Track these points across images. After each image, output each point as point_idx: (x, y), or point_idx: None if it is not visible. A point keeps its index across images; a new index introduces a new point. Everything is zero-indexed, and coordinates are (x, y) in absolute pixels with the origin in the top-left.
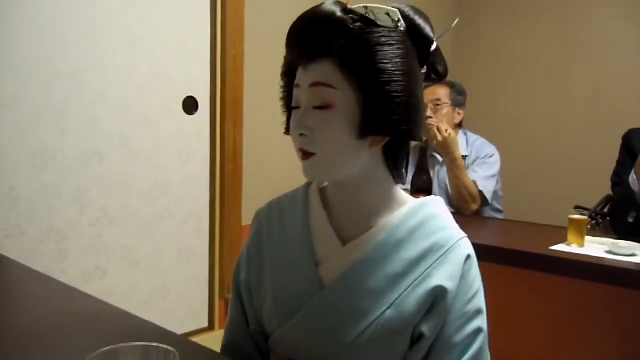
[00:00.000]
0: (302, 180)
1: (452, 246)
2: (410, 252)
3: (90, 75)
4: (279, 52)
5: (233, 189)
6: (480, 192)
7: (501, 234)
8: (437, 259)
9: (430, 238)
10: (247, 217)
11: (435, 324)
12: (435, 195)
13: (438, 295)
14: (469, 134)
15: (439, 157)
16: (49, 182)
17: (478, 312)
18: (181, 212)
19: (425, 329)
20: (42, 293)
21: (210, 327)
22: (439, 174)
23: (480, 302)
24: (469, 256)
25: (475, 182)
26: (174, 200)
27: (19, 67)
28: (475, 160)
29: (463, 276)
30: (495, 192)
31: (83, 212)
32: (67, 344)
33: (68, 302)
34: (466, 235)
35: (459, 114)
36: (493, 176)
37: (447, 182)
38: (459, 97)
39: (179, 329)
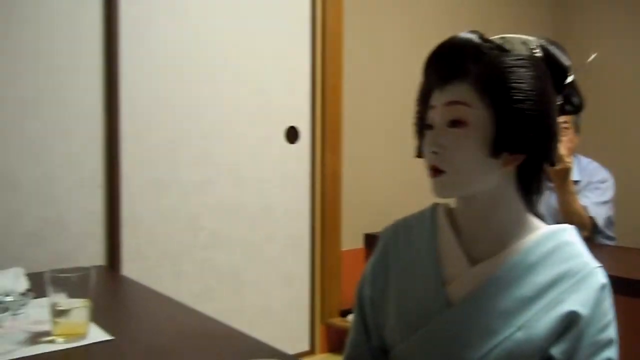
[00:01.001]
0: (400, 204)
1: (586, 273)
2: (543, 276)
3: (203, 110)
4: (376, 81)
5: (333, 215)
6: (591, 219)
7: (614, 261)
8: (571, 285)
9: (563, 264)
10: (346, 243)
11: (567, 348)
12: (545, 220)
13: (571, 321)
14: (581, 157)
15: (548, 182)
16: (167, 208)
17: (610, 342)
18: (283, 237)
19: (556, 352)
20: (162, 312)
21: (312, 351)
22: (549, 200)
23: (613, 332)
24: (604, 285)
25: (586, 208)
26: (276, 226)
27: (142, 105)
28: (587, 185)
29: (597, 304)
30: (608, 218)
31: (196, 236)
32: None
33: (187, 320)
34: (601, 265)
35: (576, 138)
36: (606, 202)
37: (557, 208)
38: (578, 122)
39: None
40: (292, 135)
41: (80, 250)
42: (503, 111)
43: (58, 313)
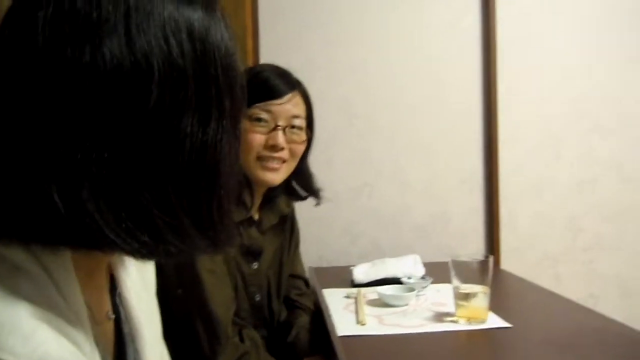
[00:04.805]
0: None
1: None
2: None
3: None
4: None
5: None
6: None
7: None
8: None
9: None
10: None
11: None
12: None
13: None
14: None
15: None
16: (544, 209)
17: None
18: None
19: None
20: (554, 307)
21: None
22: None
23: None
24: None
25: None
26: None
27: (518, 106)
28: None
29: None
30: None
31: (576, 239)
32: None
33: (581, 317)
34: None
35: None
36: None
37: None
38: None
39: None
40: None
41: (462, 245)
42: None
43: (461, 296)
